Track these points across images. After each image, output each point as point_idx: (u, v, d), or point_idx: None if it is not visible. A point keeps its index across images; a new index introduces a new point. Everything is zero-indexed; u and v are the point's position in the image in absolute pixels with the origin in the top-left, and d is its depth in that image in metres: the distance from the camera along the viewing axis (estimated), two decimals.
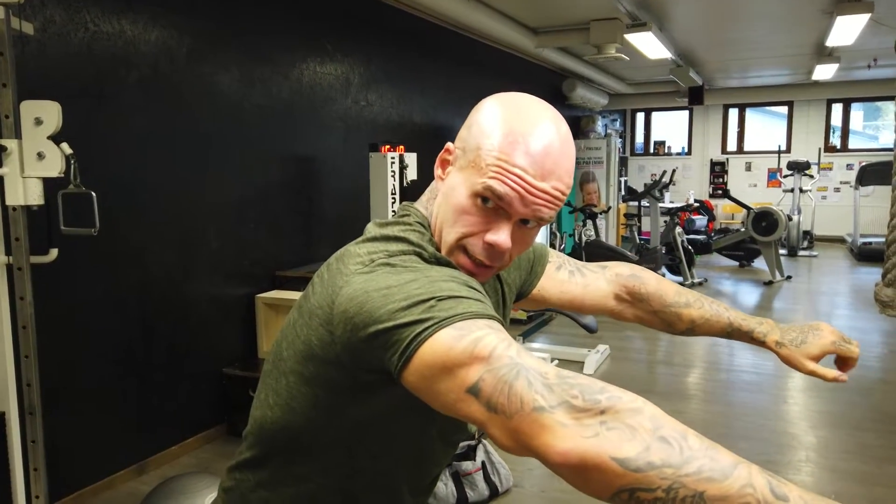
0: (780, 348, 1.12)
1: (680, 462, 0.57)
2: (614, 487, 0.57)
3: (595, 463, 0.57)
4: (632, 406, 0.61)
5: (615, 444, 0.58)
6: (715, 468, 0.57)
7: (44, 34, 2.76)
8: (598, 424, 0.59)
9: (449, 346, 0.67)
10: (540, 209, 0.82)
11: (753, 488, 0.57)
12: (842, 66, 8.66)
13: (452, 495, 2.92)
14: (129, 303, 3.22)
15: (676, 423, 0.61)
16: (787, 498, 0.57)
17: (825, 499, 0.59)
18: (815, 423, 3.90)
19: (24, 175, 2.13)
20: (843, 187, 11.47)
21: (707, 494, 0.56)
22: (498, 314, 1.01)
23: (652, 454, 0.57)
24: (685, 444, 0.58)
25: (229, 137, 3.77)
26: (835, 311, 6.74)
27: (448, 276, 0.77)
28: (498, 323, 0.71)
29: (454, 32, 6.14)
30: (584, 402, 0.61)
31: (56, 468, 2.64)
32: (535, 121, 0.82)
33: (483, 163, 0.81)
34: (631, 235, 9.16)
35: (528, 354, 0.68)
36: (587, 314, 1.20)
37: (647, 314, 1.19)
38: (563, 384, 0.63)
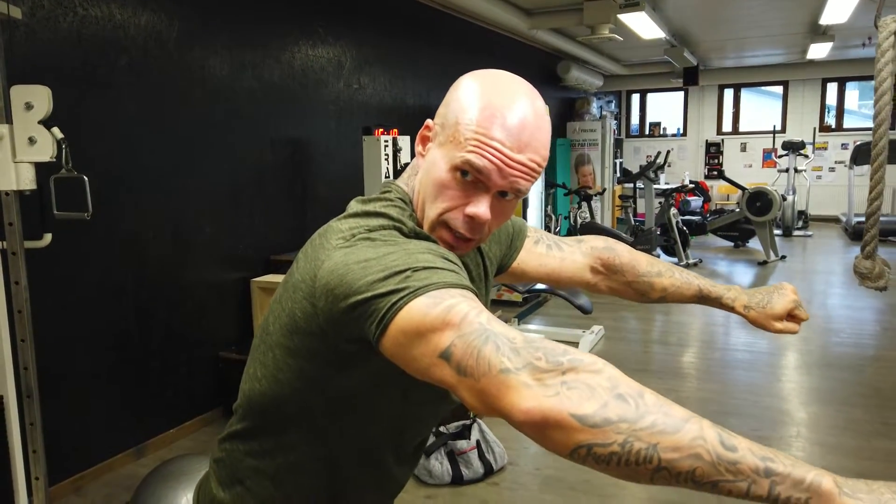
0: (748, 312, 1.16)
1: (635, 417, 0.60)
2: (573, 443, 0.60)
3: (556, 420, 0.60)
4: (592, 367, 0.64)
5: (575, 402, 0.60)
6: (668, 422, 0.60)
7: (32, 18, 2.75)
8: (560, 384, 0.62)
9: (423, 314, 0.70)
10: (517, 181, 0.84)
11: (704, 440, 0.60)
12: (836, 45, 8.65)
13: (448, 473, 2.96)
14: (124, 288, 3.23)
15: (633, 383, 0.64)
16: (736, 448, 0.60)
17: (773, 450, 0.62)
18: (806, 399, 3.95)
19: (15, 160, 2.13)
20: (837, 167, 11.49)
21: (660, 446, 0.59)
22: (480, 287, 1.04)
23: (609, 411, 0.60)
24: (641, 401, 0.61)
25: (221, 122, 3.77)
26: (829, 290, 6.79)
27: (425, 248, 0.80)
28: (471, 292, 0.74)
29: (447, 14, 6.11)
30: (547, 364, 0.64)
31: (56, 452, 2.67)
32: (512, 96, 0.84)
33: (462, 137, 0.83)
34: (626, 217, 9.19)
35: (498, 322, 0.70)
36: (564, 287, 1.24)
37: (622, 285, 1.22)
38: (528, 348, 0.66)
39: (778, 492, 0.59)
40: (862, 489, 0.60)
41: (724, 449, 0.59)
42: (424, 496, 2.89)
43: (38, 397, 2.27)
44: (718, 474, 0.59)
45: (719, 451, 0.59)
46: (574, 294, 4.70)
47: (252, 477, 0.96)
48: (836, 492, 0.59)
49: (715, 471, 0.59)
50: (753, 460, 0.60)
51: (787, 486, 0.59)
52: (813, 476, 0.60)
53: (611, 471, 0.61)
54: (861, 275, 1.31)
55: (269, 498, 0.95)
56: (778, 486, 0.59)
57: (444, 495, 2.89)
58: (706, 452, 0.59)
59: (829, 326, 5.51)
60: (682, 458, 0.59)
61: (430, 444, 3.02)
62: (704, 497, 2.83)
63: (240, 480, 0.96)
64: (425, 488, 2.94)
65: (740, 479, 0.59)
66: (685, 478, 0.60)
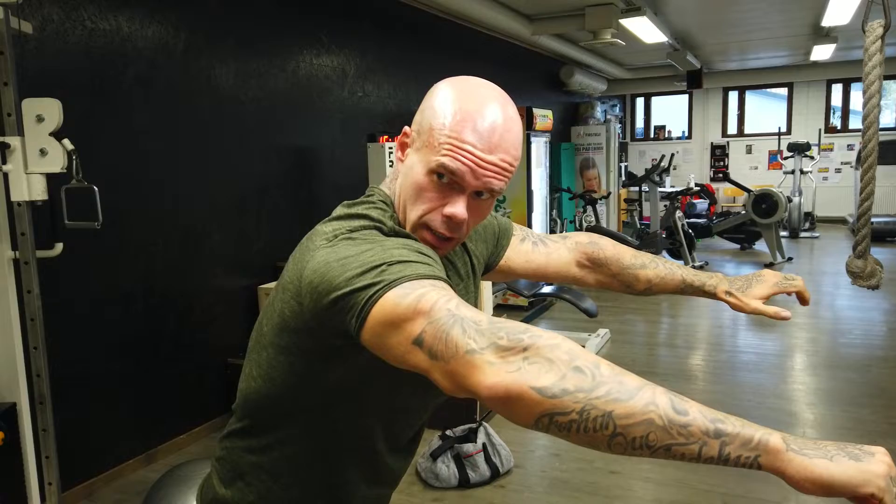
0: (728, 297, 1.20)
1: (591, 387, 0.63)
2: (535, 414, 0.63)
3: (517, 393, 0.63)
4: (551, 342, 0.67)
5: (535, 376, 0.63)
6: (622, 390, 0.63)
7: (42, 33, 2.81)
8: (521, 360, 0.65)
9: (395, 304, 0.74)
10: (490, 181, 0.88)
11: (656, 405, 0.62)
12: (840, 47, 8.64)
13: (454, 477, 2.98)
14: (134, 295, 3.28)
15: (590, 355, 0.67)
16: (687, 412, 0.63)
17: (724, 414, 0.64)
18: (812, 400, 3.95)
19: (27, 171, 2.18)
20: (843, 168, 11.46)
21: (615, 413, 0.62)
22: (469, 283, 1.08)
23: (567, 382, 0.63)
24: (597, 372, 0.64)
25: (228, 131, 3.82)
26: (836, 292, 6.77)
27: (401, 244, 0.84)
28: (442, 282, 0.78)
29: (449, 21, 6.16)
30: (508, 342, 0.67)
31: (68, 457, 2.70)
32: (482, 101, 0.88)
33: (436, 142, 0.88)
34: (631, 220, 9.19)
35: (467, 307, 0.74)
36: (552, 282, 1.27)
37: (608, 278, 1.26)
38: (492, 328, 0.69)
39: (728, 451, 0.61)
40: (809, 445, 0.62)
41: (675, 413, 0.62)
42: (431, 499, 2.91)
43: (51, 404, 2.32)
44: (671, 438, 0.62)
45: (671, 416, 0.62)
46: (579, 298, 4.72)
47: (251, 472, 0.99)
48: (784, 447, 0.61)
49: (667, 435, 0.62)
50: (704, 423, 0.62)
51: (736, 445, 0.61)
52: (761, 434, 0.62)
53: (572, 438, 0.64)
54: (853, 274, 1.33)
55: (269, 492, 0.98)
56: (728, 445, 0.61)
57: (451, 498, 2.92)
58: (658, 417, 0.61)
59: (837, 327, 5.51)
60: (635, 424, 0.61)
61: (436, 448, 3.04)
62: (709, 498, 2.84)
63: (240, 476, 1.00)
64: (432, 491, 2.97)
65: (692, 441, 0.62)
66: (640, 443, 0.62)
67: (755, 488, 2.90)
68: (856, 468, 0.61)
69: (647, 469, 3.10)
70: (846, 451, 0.63)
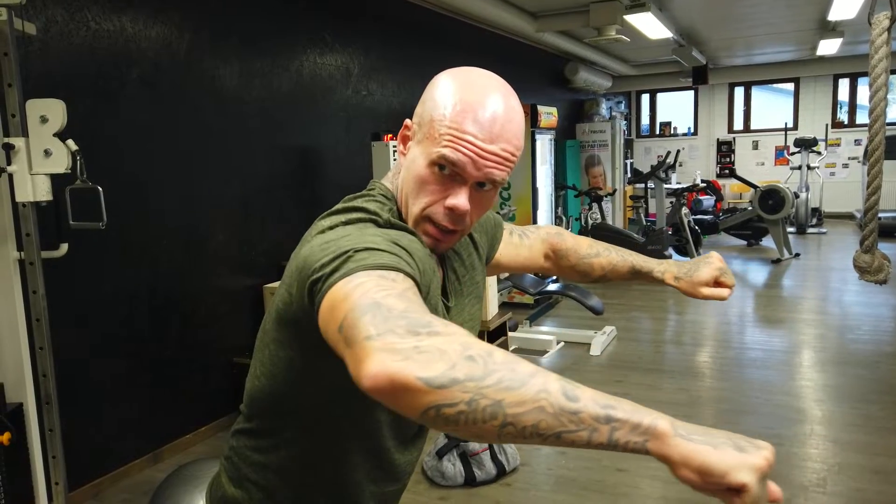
0: (677, 282, 1.21)
1: (482, 375, 0.60)
2: (422, 406, 0.60)
3: (402, 384, 0.60)
4: (448, 333, 0.64)
5: (422, 366, 0.60)
6: (514, 378, 0.60)
7: (46, 34, 2.81)
8: (411, 349, 0.62)
9: (335, 292, 0.73)
10: (492, 171, 0.88)
11: (548, 393, 0.60)
12: (846, 41, 8.58)
13: (460, 475, 2.98)
14: (139, 295, 3.28)
15: (486, 345, 0.64)
16: (579, 399, 0.61)
17: (618, 399, 0.63)
18: (820, 397, 3.93)
19: (32, 172, 2.19)
20: (851, 163, 11.40)
21: (505, 402, 0.59)
22: (474, 273, 1.08)
23: (456, 371, 0.60)
24: (489, 360, 0.61)
25: (232, 130, 3.82)
26: (844, 287, 6.73)
27: (381, 233, 0.83)
28: (401, 274, 0.75)
29: (453, 19, 6.14)
30: (404, 331, 0.64)
31: (75, 457, 2.72)
32: (482, 90, 0.88)
33: (437, 133, 0.87)
34: (637, 217, 9.16)
35: (400, 297, 0.70)
36: (527, 272, 1.30)
37: (567, 267, 1.30)
38: (398, 317, 0.66)
39: (617, 437, 0.60)
40: (698, 432, 0.61)
41: (566, 400, 0.60)
42: (438, 497, 2.91)
43: (57, 404, 2.33)
44: (561, 425, 0.60)
45: (562, 403, 0.60)
46: (585, 295, 4.70)
47: (259, 472, 0.99)
48: (671, 432, 0.60)
49: (558, 422, 0.60)
50: (595, 409, 0.61)
51: (625, 430, 0.60)
52: (650, 419, 0.61)
53: (460, 431, 0.61)
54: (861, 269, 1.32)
55: (276, 492, 0.98)
56: (617, 431, 0.60)
57: (458, 496, 2.91)
58: (549, 405, 0.60)
59: (845, 323, 5.47)
60: (526, 413, 0.60)
61: (442, 446, 3.04)
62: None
63: (247, 476, 0.99)
64: (438, 490, 2.96)
65: (582, 428, 0.60)
66: (530, 431, 0.60)
67: None
68: (735, 457, 0.60)
69: (655, 467, 3.09)
70: (734, 441, 0.62)
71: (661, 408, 0.63)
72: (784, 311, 5.99)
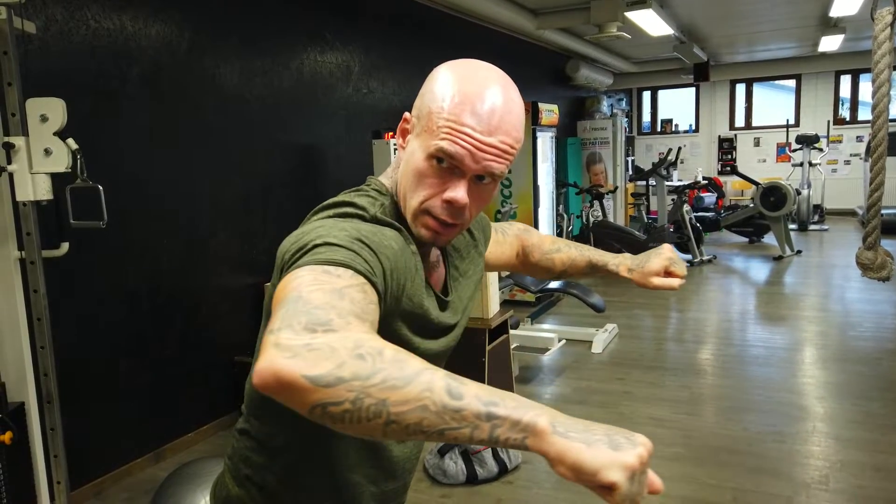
0: (630, 273, 1.23)
1: (368, 374, 0.60)
2: (308, 404, 0.60)
3: (288, 382, 0.60)
4: (343, 331, 0.63)
5: (309, 364, 0.60)
6: (399, 377, 0.60)
7: (46, 32, 2.81)
8: (303, 346, 0.61)
9: (282, 283, 0.73)
10: (490, 164, 0.86)
11: (431, 391, 0.60)
12: (848, 37, 8.56)
13: (462, 473, 2.98)
14: (140, 294, 3.28)
15: (379, 343, 0.63)
16: (462, 396, 0.60)
17: (504, 394, 0.62)
18: (822, 394, 3.92)
19: (32, 171, 2.18)
20: (853, 160, 11.38)
21: (389, 401, 0.59)
22: (473, 264, 1.09)
23: (343, 370, 0.60)
24: (378, 359, 0.61)
25: (233, 129, 3.82)
26: (846, 284, 6.72)
27: (353, 229, 0.82)
28: (345, 269, 0.74)
29: (454, 17, 6.13)
30: (302, 327, 0.63)
31: (77, 456, 2.72)
32: (480, 82, 0.87)
33: (435, 126, 0.86)
34: (639, 215, 9.15)
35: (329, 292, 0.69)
36: (504, 270, 1.30)
37: (532, 264, 1.32)
38: (304, 312, 0.65)
39: (497, 434, 0.60)
40: (577, 428, 0.60)
41: (450, 398, 0.60)
42: (440, 496, 2.91)
43: (59, 403, 2.32)
44: (444, 423, 0.60)
45: (445, 401, 0.60)
46: (587, 293, 4.70)
47: (259, 473, 0.98)
48: (549, 430, 0.60)
49: (440, 420, 0.60)
50: (477, 406, 0.60)
51: (505, 427, 0.60)
52: (531, 416, 0.60)
53: (347, 428, 0.61)
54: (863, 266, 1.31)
55: (276, 495, 0.98)
56: (498, 428, 0.60)
57: (459, 494, 2.91)
58: (432, 403, 0.60)
59: (847, 321, 5.46)
60: (409, 411, 0.60)
61: (443, 444, 3.04)
62: (719, 493, 2.83)
63: (249, 477, 0.99)
64: (440, 488, 2.96)
65: (464, 425, 0.60)
66: (414, 429, 0.61)
67: (765, 483, 2.89)
68: (607, 455, 0.59)
69: (656, 464, 3.07)
70: (611, 437, 0.61)
71: (663, 405, 0.63)
72: (786, 308, 5.98)
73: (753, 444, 3.26)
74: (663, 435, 3.36)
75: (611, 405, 3.76)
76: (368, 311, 0.71)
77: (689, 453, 3.19)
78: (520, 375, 4.33)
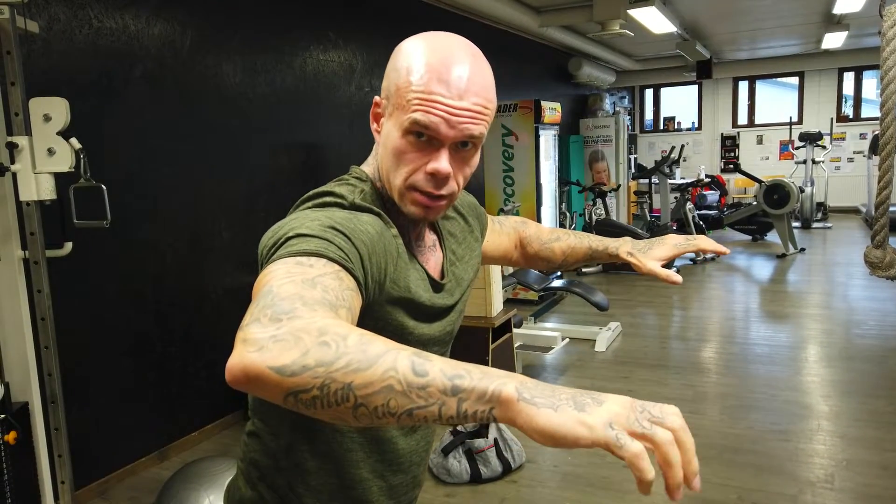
0: (629, 256, 1.20)
1: (332, 360, 0.59)
2: (279, 393, 0.60)
3: (255, 375, 0.60)
4: (307, 319, 0.63)
5: (275, 355, 0.60)
6: (363, 359, 0.60)
7: (49, 32, 2.80)
8: (268, 338, 0.61)
9: (257, 280, 0.73)
10: (467, 127, 0.86)
11: (396, 370, 0.59)
12: (851, 34, 8.54)
13: (466, 472, 2.97)
14: (144, 293, 3.28)
15: (344, 328, 0.63)
16: (427, 373, 0.59)
17: (470, 367, 0.61)
18: (827, 392, 3.91)
19: (35, 171, 2.18)
20: (856, 157, 11.34)
21: (354, 384, 0.59)
22: (470, 246, 1.08)
23: (308, 358, 0.59)
24: (342, 344, 0.60)
25: (236, 128, 3.82)
26: (850, 282, 6.70)
27: (327, 217, 0.82)
28: (318, 258, 0.74)
29: (456, 15, 6.12)
30: (269, 319, 0.63)
31: (81, 456, 2.72)
32: (443, 50, 0.86)
33: (405, 101, 0.86)
34: (642, 213, 9.14)
35: (300, 283, 0.69)
36: (503, 264, 1.29)
37: (532, 255, 1.30)
38: (271, 304, 0.65)
39: (465, 408, 0.59)
40: (543, 394, 0.58)
41: (414, 376, 0.59)
42: (444, 495, 2.90)
43: (63, 403, 2.32)
44: (411, 402, 0.59)
45: (410, 379, 0.59)
46: (590, 291, 4.69)
47: (269, 475, 0.98)
48: (515, 397, 0.58)
49: (407, 399, 0.59)
50: (442, 381, 0.59)
51: (472, 400, 0.58)
52: (496, 385, 0.58)
53: (320, 414, 0.61)
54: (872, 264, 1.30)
55: (287, 495, 0.98)
56: (464, 402, 0.59)
57: (464, 493, 2.91)
58: (397, 382, 0.59)
59: (851, 318, 5.45)
60: (375, 393, 0.59)
61: (447, 443, 3.03)
62: (724, 492, 2.82)
63: (260, 479, 0.99)
64: (444, 487, 2.96)
65: (431, 402, 0.59)
66: (383, 411, 0.60)
67: (770, 481, 2.88)
68: (575, 419, 0.56)
69: None
70: (576, 399, 0.58)
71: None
72: (789, 306, 5.97)
73: (758, 442, 3.25)
74: None
75: None
76: (344, 298, 0.71)
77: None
78: (523, 374, 4.32)
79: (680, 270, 7.33)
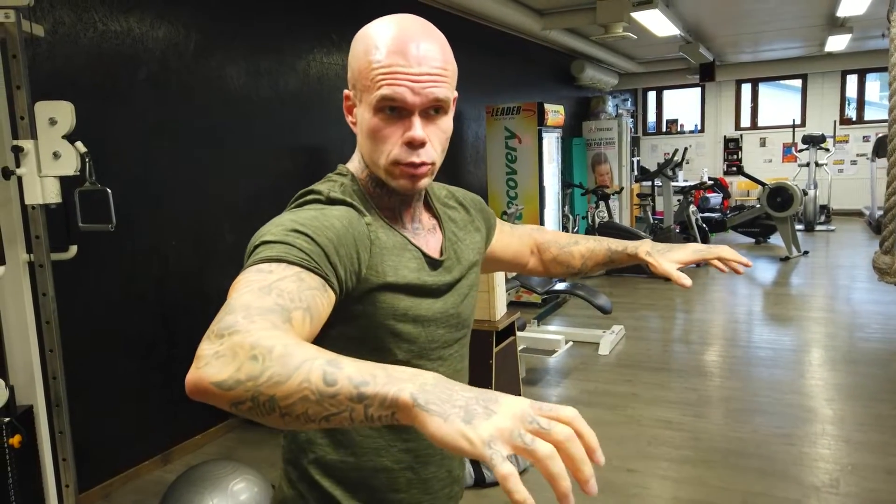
0: (647, 256, 1.21)
1: (258, 374, 0.63)
2: (224, 404, 0.65)
3: (203, 389, 0.64)
4: (243, 334, 0.66)
5: (215, 370, 0.64)
6: (282, 372, 0.62)
7: (54, 36, 2.81)
8: (212, 355, 0.66)
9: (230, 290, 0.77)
10: (431, 90, 0.90)
11: (309, 381, 0.61)
12: (855, 37, 8.53)
13: (470, 476, 2.97)
14: (149, 296, 3.28)
15: (270, 342, 0.65)
16: (336, 382, 0.61)
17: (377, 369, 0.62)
18: (831, 396, 3.90)
19: (41, 174, 2.18)
20: (859, 160, 11.32)
21: (276, 396, 0.62)
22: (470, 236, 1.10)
23: (241, 373, 0.63)
24: (268, 357, 0.64)
25: (240, 130, 3.82)
26: (854, 285, 6.69)
27: (290, 218, 0.87)
28: (278, 263, 0.79)
29: (459, 18, 6.12)
30: (215, 336, 0.68)
31: (85, 459, 2.72)
32: (391, 25, 0.93)
33: (370, 81, 0.90)
34: (645, 215, 9.13)
35: (256, 291, 0.73)
36: (515, 270, 1.29)
37: (549, 260, 1.30)
38: (220, 320, 0.69)
39: (371, 413, 0.60)
40: (440, 398, 0.58)
41: (325, 385, 0.61)
42: None
43: (67, 406, 2.32)
44: (325, 410, 0.61)
45: (321, 389, 0.61)
46: (593, 294, 4.68)
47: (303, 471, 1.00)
48: (411, 403, 0.58)
49: (322, 408, 0.61)
50: (349, 389, 0.60)
51: (375, 406, 0.60)
52: (396, 390, 0.59)
53: (260, 421, 0.65)
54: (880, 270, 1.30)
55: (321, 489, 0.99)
56: (370, 408, 0.60)
57: (467, 497, 2.90)
58: (311, 393, 0.61)
59: (855, 322, 5.44)
60: (294, 403, 0.62)
61: None
62: (728, 496, 2.81)
63: (301, 477, 1.01)
64: None
65: (342, 409, 0.61)
66: (305, 419, 0.62)
67: (775, 486, 2.87)
68: (459, 432, 0.55)
69: (665, 467, 3.08)
70: (469, 408, 0.57)
71: (671, 407, 0.60)
72: (793, 309, 5.96)
73: (762, 446, 3.25)
74: (671, 437, 3.34)
75: (618, 407, 3.75)
76: (302, 298, 0.75)
77: (697, 456, 3.17)
78: (527, 377, 4.32)
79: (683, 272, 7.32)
